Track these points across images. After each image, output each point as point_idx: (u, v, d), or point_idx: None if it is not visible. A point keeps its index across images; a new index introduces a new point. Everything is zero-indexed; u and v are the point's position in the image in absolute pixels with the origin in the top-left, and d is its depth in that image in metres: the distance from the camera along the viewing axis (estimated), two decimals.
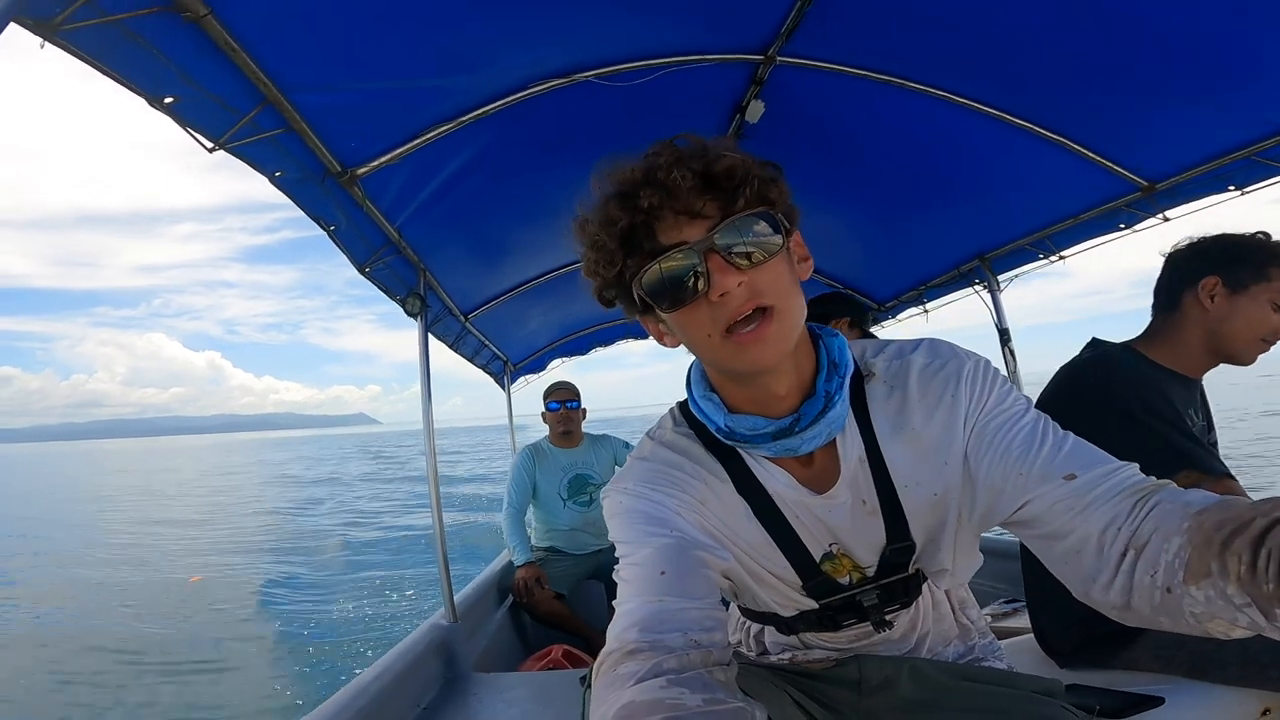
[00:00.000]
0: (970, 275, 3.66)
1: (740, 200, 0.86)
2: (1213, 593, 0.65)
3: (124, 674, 6.11)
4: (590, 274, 0.96)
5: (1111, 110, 2.15)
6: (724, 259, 0.85)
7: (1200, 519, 0.69)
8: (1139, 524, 0.75)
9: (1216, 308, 1.59)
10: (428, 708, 2.22)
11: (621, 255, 0.90)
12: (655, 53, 2.04)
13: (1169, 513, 0.73)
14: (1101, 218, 2.78)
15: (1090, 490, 0.81)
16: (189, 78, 1.28)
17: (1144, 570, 0.72)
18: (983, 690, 1.09)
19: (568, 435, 4.03)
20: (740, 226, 0.86)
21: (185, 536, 15.71)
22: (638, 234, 0.88)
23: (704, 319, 0.89)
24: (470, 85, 1.94)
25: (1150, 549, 0.72)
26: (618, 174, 0.89)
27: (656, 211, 0.86)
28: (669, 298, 0.89)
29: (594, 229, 0.91)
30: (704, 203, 0.87)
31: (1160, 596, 0.70)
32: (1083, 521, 0.80)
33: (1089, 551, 0.79)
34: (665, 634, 0.79)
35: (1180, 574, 0.68)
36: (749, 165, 0.87)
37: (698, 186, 0.86)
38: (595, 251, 0.92)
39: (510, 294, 3.90)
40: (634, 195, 0.86)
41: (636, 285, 0.91)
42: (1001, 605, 2.80)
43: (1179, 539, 0.69)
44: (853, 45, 2.07)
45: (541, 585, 3.54)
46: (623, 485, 1.02)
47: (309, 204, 1.94)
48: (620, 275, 0.92)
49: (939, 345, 1.02)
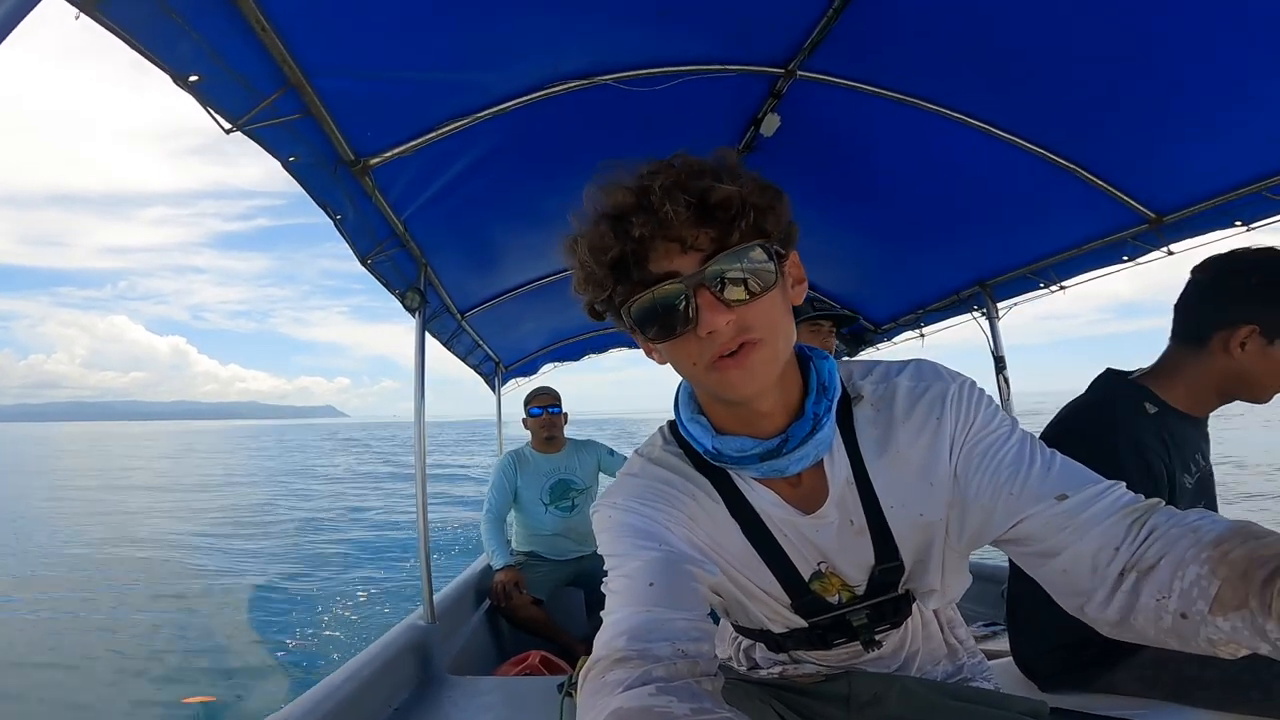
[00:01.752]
0: (970, 301, 3.68)
1: (735, 233, 0.85)
2: (1240, 624, 0.67)
3: (76, 668, 5.97)
4: (579, 291, 0.96)
5: (1127, 140, 2.16)
6: (714, 295, 0.85)
7: (1223, 551, 0.71)
8: (1139, 546, 0.78)
9: (1247, 355, 1.47)
10: (400, 709, 2.19)
11: (611, 282, 0.89)
12: (676, 60, 2.04)
13: (1175, 538, 0.76)
14: (1106, 249, 2.79)
15: (1082, 510, 0.84)
16: (217, 56, 1.26)
17: (1150, 593, 0.75)
18: (971, 710, 1.10)
19: (551, 440, 4.02)
20: (732, 261, 0.85)
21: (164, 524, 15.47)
22: (627, 262, 0.87)
23: (691, 351, 0.89)
24: (490, 82, 1.93)
25: (1159, 574, 0.75)
26: (611, 192, 0.87)
27: (648, 241, 0.85)
28: (656, 328, 0.89)
29: (584, 253, 0.90)
30: (697, 234, 0.85)
31: (1172, 620, 0.73)
32: (1075, 540, 0.83)
33: (1082, 570, 0.82)
34: (653, 643, 0.79)
35: (1201, 603, 0.70)
36: (746, 195, 0.85)
37: (692, 218, 0.84)
38: (585, 273, 0.92)
39: (508, 295, 3.89)
40: (625, 221, 0.85)
41: (625, 313, 0.90)
42: (980, 628, 2.81)
43: (1196, 568, 0.72)
44: (873, 63, 2.08)
45: (520, 590, 3.51)
46: (613, 500, 1.03)
47: (319, 191, 1.91)
48: (610, 299, 0.92)
49: (925, 367, 1.04)
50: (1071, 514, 0.84)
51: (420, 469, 2.66)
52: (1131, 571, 0.77)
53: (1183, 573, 0.73)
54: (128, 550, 12.24)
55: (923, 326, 4.25)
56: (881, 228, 3.25)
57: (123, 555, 11.78)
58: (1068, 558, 0.83)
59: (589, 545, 4.02)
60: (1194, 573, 0.72)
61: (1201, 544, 0.73)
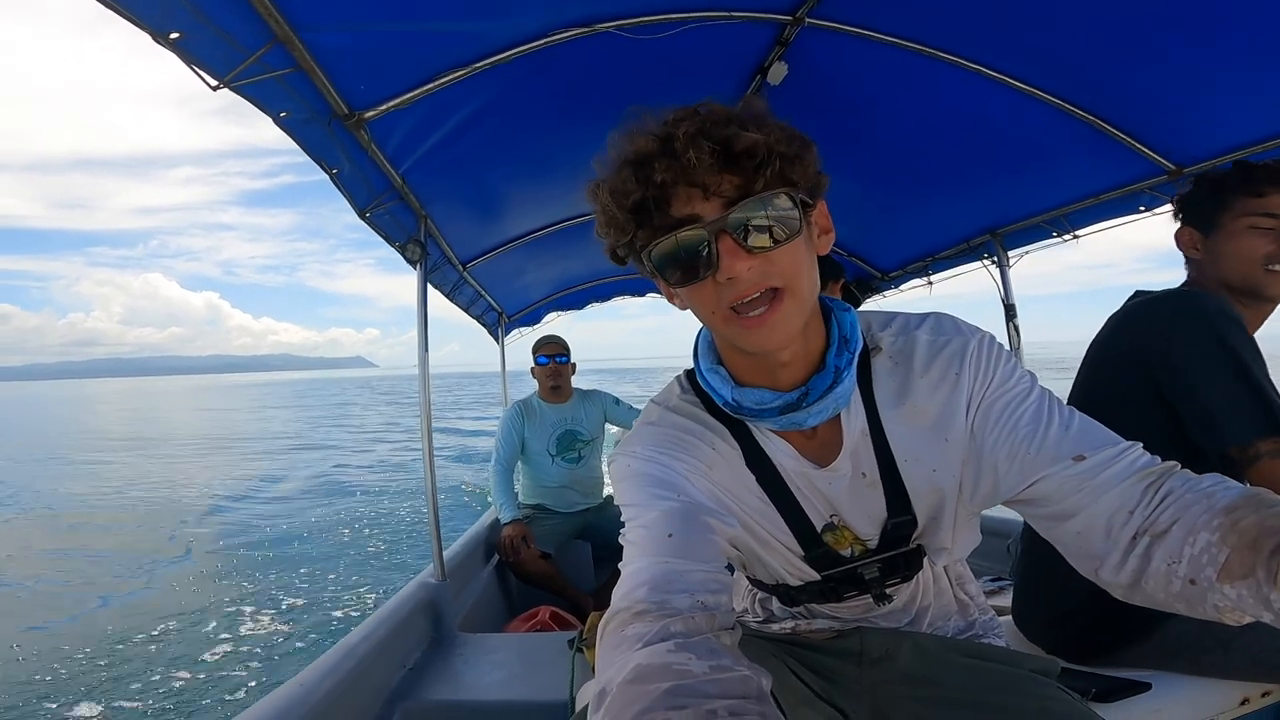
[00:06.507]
0: (980, 249, 3.64)
1: (760, 180, 0.84)
2: (1246, 592, 0.68)
3: (96, 630, 6.06)
4: (602, 235, 0.95)
5: (1148, 91, 2.09)
6: (735, 241, 0.84)
7: (1234, 519, 0.71)
8: (1153, 511, 0.78)
9: (1206, 256, 1.55)
10: (414, 668, 2.23)
11: (633, 226, 0.88)
12: (680, 6, 1.96)
13: (1189, 504, 0.76)
14: (1122, 199, 2.73)
15: (1099, 472, 0.83)
16: (198, 13, 1.21)
17: (1162, 558, 0.75)
18: (982, 667, 1.11)
19: (557, 390, 3.99)
20: (755, 208, 0.84)
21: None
22: (649, 207, 0.86)
23: (710, 297, 0.88)
24: (488, 31, 1.86)
25: (1171, 539, 0.75)
26: (634, 139, 0.86)
27: (670, 186, 0.84)
28: (677, 273, 0.89)
29: (606, 197, 0.89)
30: (721, 180, 0.84)
31: (1181, 586, 0.73)
32: (1091, 502, 0.82)
33: (1096, 533, 0.82)
34: (672, 595, 0.79)
35: (1210, 570, 0.70)
36: (772, 143, 0.83)
37: (715, 164, 0.83)
38: (606, 217, 0.91)
39: (509, 245, 3.84)
40: (648, 166, 0.84)
41: (646, 257, 0.90)
42: (988, 582, 2.83)
43: (1207, 535, 0.72)
44: (883, 10, 2.00)
45: (528, 544, 3.51)
46: (631, 449, 1.02)
47: (313, 146, 1.87)
48: (631, 242, 0.91)
49: (944, 321, 1.02)
50: (1088, 475, 0.83)
51: (425, 422, 2.66)
52: (1144, 535, 0.77)
53: (1194, 539, 0.73)
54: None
55: (930, 275, 4.21)
56: (891, 176, 3.18)
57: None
58: (1082, 520, 0.83)
59: (595, 497, 4.06)
60: (1204, 539, 0.72)
61: (1214, 510, 0.73)
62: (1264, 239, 1.46)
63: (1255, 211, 1.47)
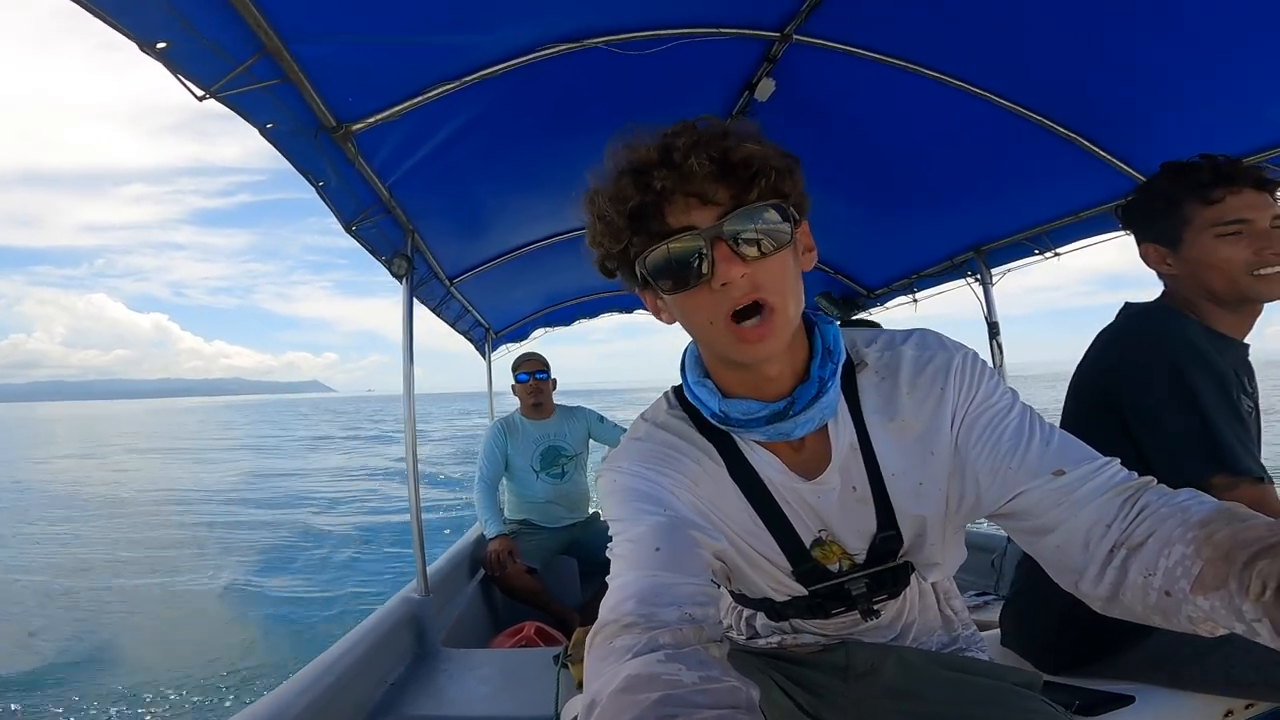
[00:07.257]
0: (963, 267, 3.67)
1: (754, 191, 0.86)
2: (1219, 604, 0.69)
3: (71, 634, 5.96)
4: (594, 245, 0.97)
5: (1127, 108, 2.13)
6: (730, 248, 0.86)
7: (1208, 532, 0.72)
8: (1129, 524, 0.80)
9: (1182, 270, 1.48)
10: (395, 684, 2.19)
11: (629, 232, 0.90)
12: (669, 22, 1.98)
13: (1164, 517, 0.77)
14: (1102, 216, 2.77)
15: (1078, 487, 0.85)
16: (185, 22, 1.21)
17: (1138, 571, 0.77)
18: (967, 681, 1.11)
19: (538, 407, 3.99)
20: (750, 216, 0.87)
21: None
22: (647, 213, 0.88)
23: (705, 305, 0.89)
24: (477, 45, 1.87)
25: (1146, 551, 0.76)
26: (633, 149, 0.88)
27: (668, 194, 0.86)
28: (672, 280, 0.90)
29: (603, 203, 0.90)
30: (717, 189, 0.87)
31: (1157, 597, 0.75)
32: (1070, 516, 0.84)
33: (1075, 546, 0.83)
34: (660, 608, 0.79)
35: (1184, 582, 0.71)
36: (767, 155, 0.87)
37: (713, 173, 0.85)
38: (602, 224, 0.92)
39: (497, 260, 3.84)
40: (647, 174, 0.86)
41: (640, 264, 0.91)
42: (972, 597, 2.84)
43: (1181, 548, 0.73)
44: (871, 27, 2.03)
45: (514, 559, 3.49)
46: (617, 465, 1.03)
47: (299, 158, 1.87)
48: (625, 251, 0.92)
49: (929, 337, 1.04)
50: (1068, 490, 0.85)
51: (410, 440, 2.64)
52: (1121, 549, 0.79)
53: (1169, 551, 0.74)
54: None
55: (915, 292, 4.24)
56: (876, 193, 3.21)
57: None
58: (1062, 534, 0.84)
59: (580, 512, 4.04)
60: (1179, 552, 0.73)
61: (1188, 524, 0.74)
62: (1237, 245, 1.41)
63: (1217, 220, 1.42)
